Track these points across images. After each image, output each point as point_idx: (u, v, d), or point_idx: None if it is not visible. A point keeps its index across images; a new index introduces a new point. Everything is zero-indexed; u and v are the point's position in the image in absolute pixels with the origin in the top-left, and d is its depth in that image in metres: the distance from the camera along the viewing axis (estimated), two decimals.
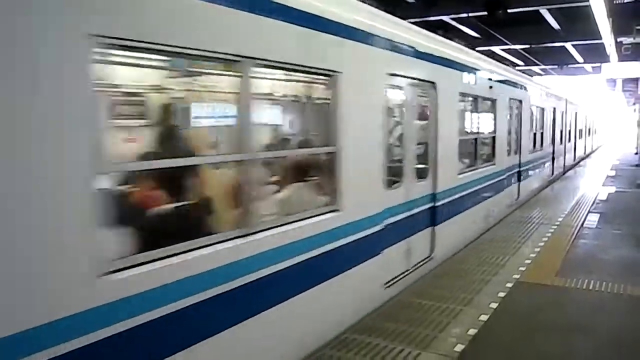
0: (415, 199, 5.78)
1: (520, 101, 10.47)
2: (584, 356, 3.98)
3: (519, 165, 10.65)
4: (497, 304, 4.98)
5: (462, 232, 7.30)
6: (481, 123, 8.27)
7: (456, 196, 6.95)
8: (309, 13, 3.85)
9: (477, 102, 8.01)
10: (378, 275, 4.96)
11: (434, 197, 6.24)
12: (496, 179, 8.99)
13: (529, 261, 6.47)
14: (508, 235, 7.91)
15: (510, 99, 9.72)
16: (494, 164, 8.81)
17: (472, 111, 8.06)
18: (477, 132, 8.15)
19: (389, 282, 5.18)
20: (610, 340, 4.23)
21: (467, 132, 7.80)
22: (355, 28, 4.43)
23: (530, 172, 11.87)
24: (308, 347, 3.93)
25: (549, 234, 7.97)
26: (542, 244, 7.38)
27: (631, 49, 14.97)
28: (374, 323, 4.50)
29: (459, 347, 4.04)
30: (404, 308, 4.86)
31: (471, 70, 7.51)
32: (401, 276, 5.44)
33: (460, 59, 7.16)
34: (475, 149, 8.06)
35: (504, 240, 7.58)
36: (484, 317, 4.65)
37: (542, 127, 13.07)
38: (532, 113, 11.68)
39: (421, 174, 6.01)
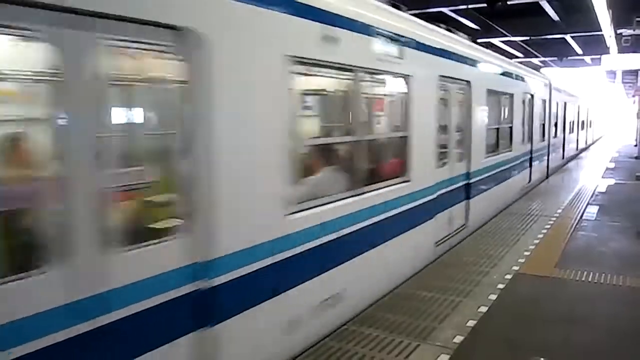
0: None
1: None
2: (582, 347, 4.00)
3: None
4: (496, 296, 5.00)
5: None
6: None
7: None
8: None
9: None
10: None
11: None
12: None
13: (528, 253, 6.49)
14: (507, 227, 7.94)
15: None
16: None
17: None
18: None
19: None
20: (609, 331, 4.26)
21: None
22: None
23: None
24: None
25: (548, 226, 7.99)
26: (541, 235, 7.40)
27: (631, 40, 14.91)
28: (374, 314, 4.52)
29: (458, 339, 4.07)
30: (403, 299, 4.88)
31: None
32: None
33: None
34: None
35: (503, 232, 7.61)
36: (483, 309, 4.68)
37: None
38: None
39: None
